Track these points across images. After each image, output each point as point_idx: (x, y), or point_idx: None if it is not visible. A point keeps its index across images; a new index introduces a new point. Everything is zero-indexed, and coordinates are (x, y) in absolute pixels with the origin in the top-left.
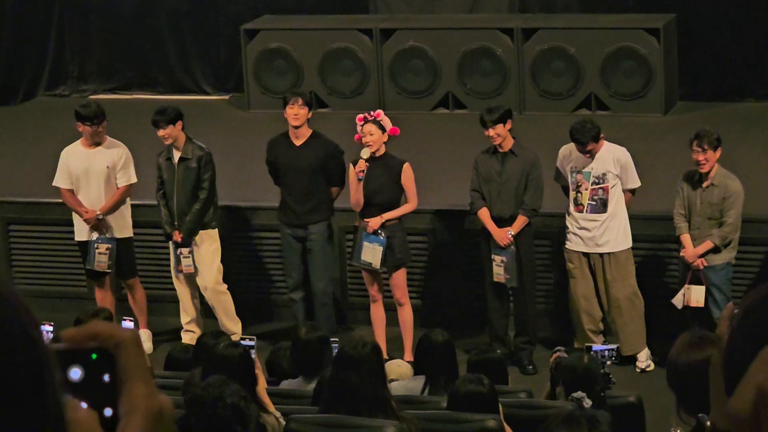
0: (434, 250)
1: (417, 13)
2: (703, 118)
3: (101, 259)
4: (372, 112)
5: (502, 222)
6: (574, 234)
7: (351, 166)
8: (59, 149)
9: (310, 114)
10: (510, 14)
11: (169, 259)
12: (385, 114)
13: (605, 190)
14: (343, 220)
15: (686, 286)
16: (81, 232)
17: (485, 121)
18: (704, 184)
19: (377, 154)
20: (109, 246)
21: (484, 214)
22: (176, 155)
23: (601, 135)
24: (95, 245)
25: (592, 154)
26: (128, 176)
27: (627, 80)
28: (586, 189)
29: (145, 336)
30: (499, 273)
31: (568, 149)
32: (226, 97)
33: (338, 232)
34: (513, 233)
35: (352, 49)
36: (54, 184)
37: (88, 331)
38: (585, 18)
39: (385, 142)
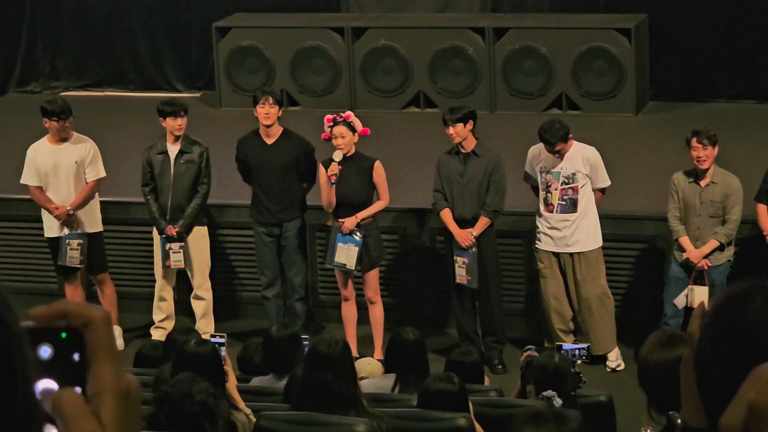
0: (405, 249)
1: (389, 12)
2: (674, 118)
3: (73, 254)
4: (342, 113)
5: (464, 223)
6: (544, 234)
7: (321, 167)
8: (30, 146)
9: (281, 112)
10: (481, 13)
11: (138, 256)
12: (356, 113)
13: (575, 189)
14: (315, 218)
15: (689, 287)
16: (51, 228)
17: (446, 119)
18: (703, 183)
19: (348, 155)
20: (81, 241)
21: (446, 215)
22: (172, 149)
23: (570, 135)
24: (66, 241)
25: (561, 155)
26: (97, 171)
27: (598, 80)
28: (556, 189)
29: (117, 332)
30: (461, 274)
31: (537, 149)
32: (198, 94)
33: (309, 229)
34: (475, 234)
35: (323, 48)
36: (22, 181)
37: (58, 310)
38: (556, 18)
39: (355, 143)
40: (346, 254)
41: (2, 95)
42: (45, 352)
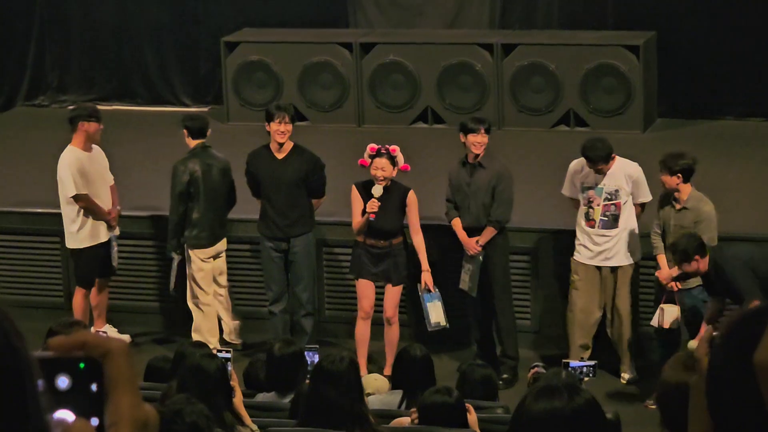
0: (417, 264)
1: (397, 28)
2: (682, 135)
3: (114, 256)
4: (388, 146)
5: (473, 232)
6: (584, 247)
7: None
8: (38, 159)
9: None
10: (490, 30)
11: (148, 270)
12: (363, 128)
13: (617, 206)
14: (323, 234)
15: (660, 306)
16: (96, 235)
17: (472, 127)
18: (678, 206)
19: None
20: (116, 243)
21: (456, 223)
22: None
23: (613, 155)
24: (113, 243)
25: (603, 172)
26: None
27: (606, 97)
28: (598, 205)
29: (112, 330)
30: (464, 280)
31: (580, 164)
32: (206, 109)
33: (317, 245)
34: (480, 243)
35: (331, 63)
36: (77, 192)
37: (77, 340)
38: (565, 34)
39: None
40: (437, 312)
41: (10, 108)
42: (63, 382)
